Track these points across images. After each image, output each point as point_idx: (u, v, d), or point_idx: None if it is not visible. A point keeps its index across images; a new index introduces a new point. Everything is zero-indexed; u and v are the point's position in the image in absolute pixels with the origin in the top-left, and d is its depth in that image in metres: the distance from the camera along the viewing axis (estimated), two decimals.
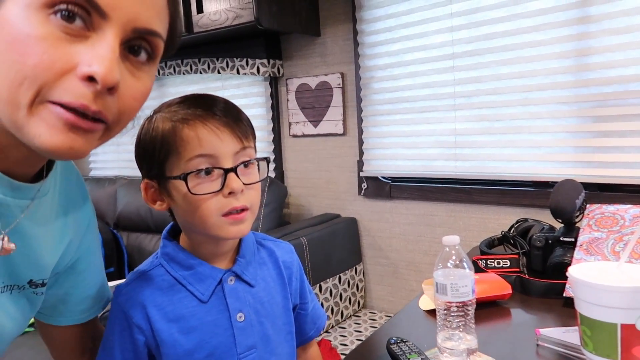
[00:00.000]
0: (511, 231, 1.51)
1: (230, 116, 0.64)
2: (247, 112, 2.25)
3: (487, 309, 1.12)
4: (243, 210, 0.65)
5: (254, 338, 0.71)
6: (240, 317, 0.69)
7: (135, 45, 0.44)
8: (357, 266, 2.06)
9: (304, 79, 2.11)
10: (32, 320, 1.79)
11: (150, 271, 0.69)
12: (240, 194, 0.64)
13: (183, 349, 0.67)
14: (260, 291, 0.73)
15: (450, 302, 0.90)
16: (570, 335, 0.81)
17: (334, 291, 1.93)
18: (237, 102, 2.21)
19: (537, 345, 0.93)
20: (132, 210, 2.28)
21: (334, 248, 1.93)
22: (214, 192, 0.63)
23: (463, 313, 0.90)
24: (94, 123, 0.42)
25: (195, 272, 0.68)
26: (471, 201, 1.76)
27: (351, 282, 2.02)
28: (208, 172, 0.63)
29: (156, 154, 0.64)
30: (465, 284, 0.88)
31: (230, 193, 0.63)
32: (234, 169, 0.63)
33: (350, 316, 2.03)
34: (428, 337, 0.97)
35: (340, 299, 1.97)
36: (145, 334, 0.67)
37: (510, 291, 1.16)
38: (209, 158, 0.62)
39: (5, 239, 0.48)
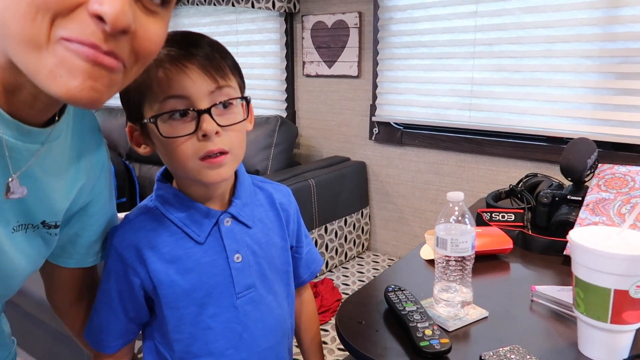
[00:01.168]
0: (519, 185, 1.51)
1: (205, 55, 0.60)
2: (260, 49, 2.22)
3: (487, 262, 1.14)
4: (222, 153, 0.62)
5: (252, 278, 0.71)
6: (238, 257, 0.69)
7: None
8: (363, 210, 2.08)
9: (321, 16, 2.04)
10: None
11: (145, 213, 0.68)
12: (215, 136, 0.60)
13: (181, 289, 0.67)
14: (257, 232, 0.72)
15: (449, 257, 0.92)
16: (564, 294, 0.83)
17: (339, 233, 1.97)
18: (250, 37, 2.16)
19: (532, 301, 0.95)
20: None
21: (342, 191, 1.94)
22: (187, 135, 0.60)
23: (461, 267, 0.92)
24: (114, 60, 0.40)
25: (190, 214, 0.67)
26: (482, 152, 1.75)
27: (357, 224, 2.06)
28: (184, 114, 0.60)
29: (132, 96, 0.62)
30: (466, 239, 0.90)
31: (204, 136, 0.60)
32: (207, 110, 0.60)
33: (354, 257, 2.09)
34: (425, 287, 1.00)
35: (345, 241, 2.02)
36: (140, 276, 0.67)
37: (511, 246, 1.18)
38: (183, 99, 0.59)
39: (16, 182, 0.48)
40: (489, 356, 0.75)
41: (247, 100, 0.66)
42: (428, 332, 0.80)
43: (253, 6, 2.10)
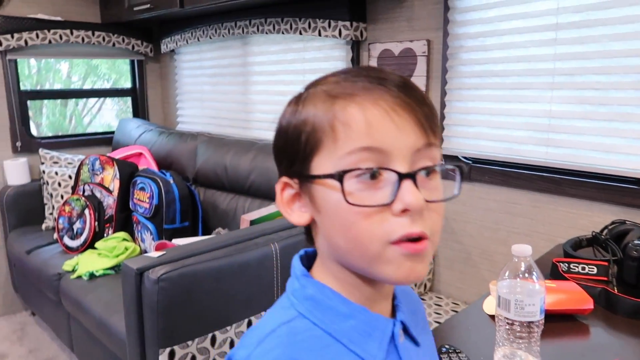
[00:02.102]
0: (604, 233, 1.35)
1: (413, 95, 0.44)
2: None
3: (561, 322, 1.02)
4: (421, 238, 0.44)
5: None
6: None
7: None
8: None
9: (388, 44, 1.98)
10: (113, 263, 1.92)
11: (290, 323, 0.46)
12: (417, 214, 0.43)
13: None
14: (426, 350, 0.54)
15: (512, 320, 0.81)
16: None
17: None
18: (317, 65, 2.14)
19: None
20: (210, 167, 2.34)
21: None
22: (379, 206, 0.43)
23: (527, 332, 0.81)
24: None
25: (358, 324, 0.47)
26: (561, 193, 1.58)
27: None
28: (373, 175, 0.43)
29: (302, 143, 0.46)
30: (533, 302, 0.79)
31: (404, 210, 0.43)
32: (412, 175, 0.43)
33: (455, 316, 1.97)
34: (486, 349, 0.89)
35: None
36: None
37: (592, 306, 1.04)
38: (378, 154, 0.43)
39: None
40: None
41: (462, 171, 0.52)
42: None
43: (320, 34, 2.09)
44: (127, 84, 3.24)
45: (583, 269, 1.22)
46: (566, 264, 1.23)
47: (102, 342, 1.75)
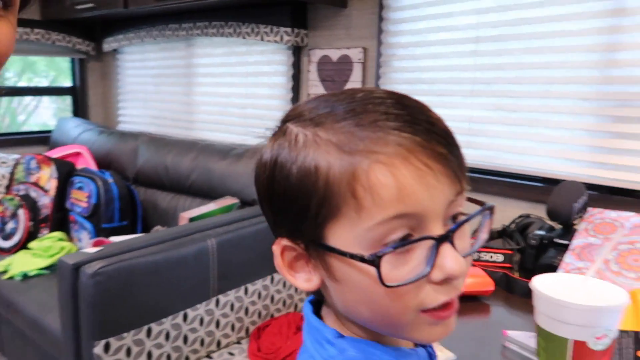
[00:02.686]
0: (511, 226, 1.49)
1: (445, 138, 0.38)
2: (269, 80, 2.27)
3: (466, 303, 1.12)
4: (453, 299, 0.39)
5: None
6: None
7: None
8: None
9: (327, 50, 2.08)
10: (48, 263, 1.89)
11: None
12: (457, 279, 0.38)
13: None
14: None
15: None
16: (535, 340, 0.81)
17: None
18: (259, 68, 2.21)
19: (504, 346, 0.93)
20: (151, 166, 2.35)
21: None
22: (418, 280, 0.37)
23: None
24: None
25: None
26: (478, 190, 1.73)
27: None
28: (404, 241, 0.37)
29: (313, 208, 0.37)
30: None
31: (445, 279, 0.37)
32: (448, 237, 0.37)
33: None
34: None
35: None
36: None
37: (492, 288, 1.16)
38: (410, 219, 0.36)
39: None
40: None
41: (493, 211, 0.44)
42: None
43: (262, 39, 2.16)
44: (67, 83, 3.18)
45: (491, 257, 1.35)
46: (477, 254, 1.35)
47: (35, 342, 1.73)
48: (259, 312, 1.63)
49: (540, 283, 0.74)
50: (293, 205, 0.39)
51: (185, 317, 1.39)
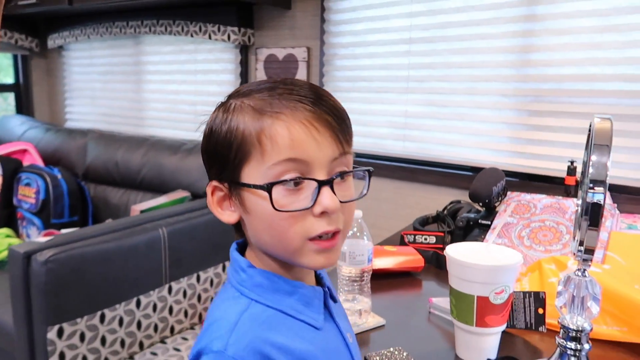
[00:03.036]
0: (444, 211, 1.63)
1: (333, 112, 0.51)
2: (218, 78, 2.34)
3: (401, 278, 1.25)
4: (335, 234, 0.52)
5: (359, 357, 0.62)
6: (350, 337, 0.60)
7: None
8: None
9: (273, 49, 2.17)
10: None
11: (249, 310, 0.53)
12: (333, 214, 0.51)
13: None
14: (340, 306, 0.62)
15: (347, 268, 1.02)
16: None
17: None
18: (208, 66, 2.28)
19: (430, 312, 1.06)
20: (100, 163, 2.36)
21: None
22: (302, 210, 0.50)
23: (359, 278, 1.02)
24: None
25: (300, 297, 0.55)
26: (415, 180, 1.87)
27: None
28: (297, 183, 0.50)
29: (233, 152, 0.51)
30: (362, 252, 1.00)
31: (322, 213, 0.50)
32: (329, 182, 0.50)
33: None
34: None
35: None
36: None
37: (422, 264, 1.29)
38: (301, 164, 0.49)
39: None
40: (373, 356, 0.85)
41: (370, 174, 0.58)
42: None
43: (210, 38, 2.23)
44: (9, 80, 3.11)
45: (425, 239, 1.48)
46: (412, 236, 1.48)
47: None
48: (211, 298, 1.70)
49: (452, 250, 0.87)
50: (220, 154, 0.52)
51: (138, 304, 1.44)
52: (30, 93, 3.12)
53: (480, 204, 1.47)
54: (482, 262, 0.82)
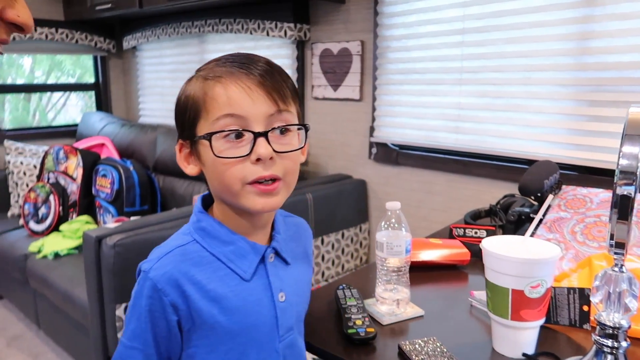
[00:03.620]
0: (497, 205, 1.61)
1: (268, 76, 0.59)
2: None
3: (446, 271, 1.26)
4: (274, 180, 0.59)
5: (292, 319, 0.67)
6: (282, 296, 0.65)
7: None
8: (362, 225, 2.21)
9: (328, 44, 2.21)
10: (77, 243, 2.07)
11: (184, 246, 0.62)
12: (269, 162, 0.58)
13: (224, 331, 0.61)
14: (294, 269, 0.69)
15: (385, 258, 1.05)
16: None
17: (336, 245, 2.11)
18: None
19: (471, 305, 1.06)
20: (168, 156, 2.52)
21: (339, 206, 2.08)
22: (240, 157, 0.58)
23: (397, 269, 1.05)
24: None
25: (236, 248, 0.63)
26: (468, 173, 1.85)
27: (354, 238, 2.18)
28: (238, 135, 0.58)
29: (187, 113, 0.61)
30: (399, 244, 1.03)
31: (258, 160, 0.58)
32: (264, 134, 0.58)
33: (352, 270, 2.21)
34: (373, 287, 1.12)
35: (342, 253, 2.15)
36: (180, 314, 0.60)
37: (469, 258, 1.29)
38: (239, 119, 0.58)
39: None
40: (406, 345, 0.88)
41: (307, 129, 0.64)
42: (359, 322, 0.94)
43: (268, 34, 2.31)
44: (91, 79, 3.38)
45: (475, 233, 1.47)
46: (462, 230, 1.47)
47: (67, 313, 1.93)
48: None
49: (487, 243, 0.88)
50: (180, 115, 0.64)
51: None
52: (108, 91, 3.37)
53: (533, 198, 1.43)
54: (517, 255, 0.82)
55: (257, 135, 0.58)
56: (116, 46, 3.29)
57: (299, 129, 0.63)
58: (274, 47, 2.43)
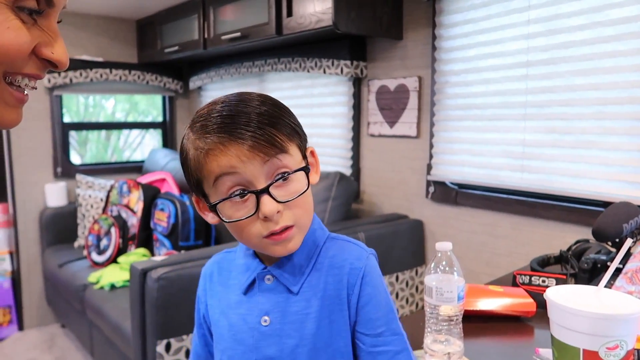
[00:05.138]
0: (569, 251, 1.45)
1: (260, 136, 0.58)
2: (332, 110, 2.41)
3: (508, 323, 1.14)
4: (287, 228, 0.61)
5: (275, 349, 0.63)
6: (265, 320, 0.64)
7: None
8: (418, 268, 2.08)
9: (385, 80, 2.18)
10: (121, 282, 2.08)
11: (229, 252, 0.72)
12: (277, 215, 0.59)
13: (219, 331, 0.68)
14: (302, 301, 0.64)
15: (433, 305, 0.94)
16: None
17: (389, 288, 1.99)
18: (323, 100, 2.36)
19: None
20: None
21: (394, 247, 1.98)
22: (249, 217, 0.59)
23: (448, 318, 0.94)
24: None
25: (244, 263, 0.68)
26: (536, 215, 1.70)
27: (410, 282, 2.06)
28: (242, 195, 0.59)
29: (190, 175, 0.63)
30: (451, 289, 0.93)
31: (265, 218, 0.59)
32: (265, 190, 0.58)
33: (407, 315, 2.07)
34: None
35: (397, 297, 2.02)
36: (201, 305, 0.72)
37: (534, 309, 1.15)
38: (238, 176, 0.58)
39: None
40: None
41: (307, 171, 0.63)
42: None
43: (325, 72, 2.31)
44: (159, 118, 3.55)
45: (543, 281, 1.33)
46: (527, 277, 1.33)
47: (116, 345, 1.94)
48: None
49: (554, 293, 0.76)
50: (186, 175, 0.65)
51: None
52: (174, 129, 3.52)
53: (610, 243, 1.28)
54: (589, 309, 0.70)
55: (258, 193, 0.59)
56: (183, 87, 3.44)
57: (293, 174, 0.62)
58: (331, 85, 2.43)
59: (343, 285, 0.65)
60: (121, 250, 2.45)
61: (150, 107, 3.65)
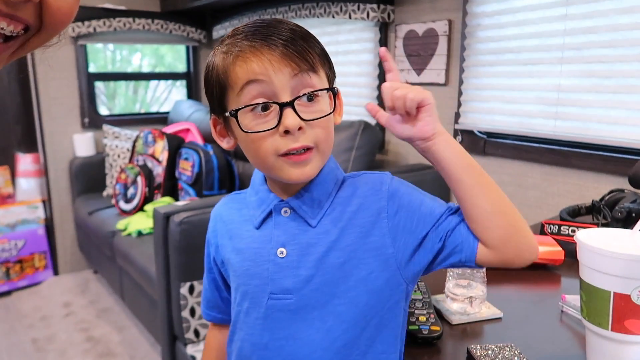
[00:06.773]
0: (602, 201, 1.39)
1: (291, 45, 0.56)
2: (357, 58, 2.33)
3: (534, 271, 1.11)
4: (306, 150, 0.58)
5: (292, 281, 0.61)
6: (282, 252, 0.62)
7: None
8: None
9: (412, 25, 2.08)
10: (148, 229, 2.11)
11: (240, 192, 0.71)
12: (299, 132, 0.57)
13: (232, 268, 0.67)
14: (321, 233, 0.61)
15: None
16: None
17: None
18: (348, 47, 2.28)
19: (562, 311, 0.91)
20: None
21: None
22: (268, 130, 0.57)
23: None
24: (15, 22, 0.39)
25: (258, 198, 0.65)
26: (569, 165, 1.62)
27: None
28: (265, 108, 0.57)
29: (214, 90, 0.61)
30: None
31: (286, 132, 0.56)
32: (290, 104, 0.56)
33: None
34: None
35: None
36: (211, 248, 0.70)
37: (562, 257, 1.12)
38: (264, 86, 0.56)
39: None
40: (477, 349, 0.75)
41: (334, 92, 0.61)
42: (422, 318, 0.83)
43: (350, 17, 2.22)
44: (182, 69, 3.52)
45: (573, 231, 1.28)
46: (556, 226, 1.29)
47: (144, 288, 1.99)
48: None
49: (585, 235, 0.72)
50: (208, 90, 0.63)
51: None
52: (198, 80, 3.49)
53: None
54: (625, 251, 0.66)
55: (283, 105, 0.57)
56: (207, 36, 3.38)
57: (327, 92, 0.61)
58: (356, 31, 2.33)
59: (372, 213, 0.63)
60: (147, 199, 2.49)
61: (176, 60, 3.61)
